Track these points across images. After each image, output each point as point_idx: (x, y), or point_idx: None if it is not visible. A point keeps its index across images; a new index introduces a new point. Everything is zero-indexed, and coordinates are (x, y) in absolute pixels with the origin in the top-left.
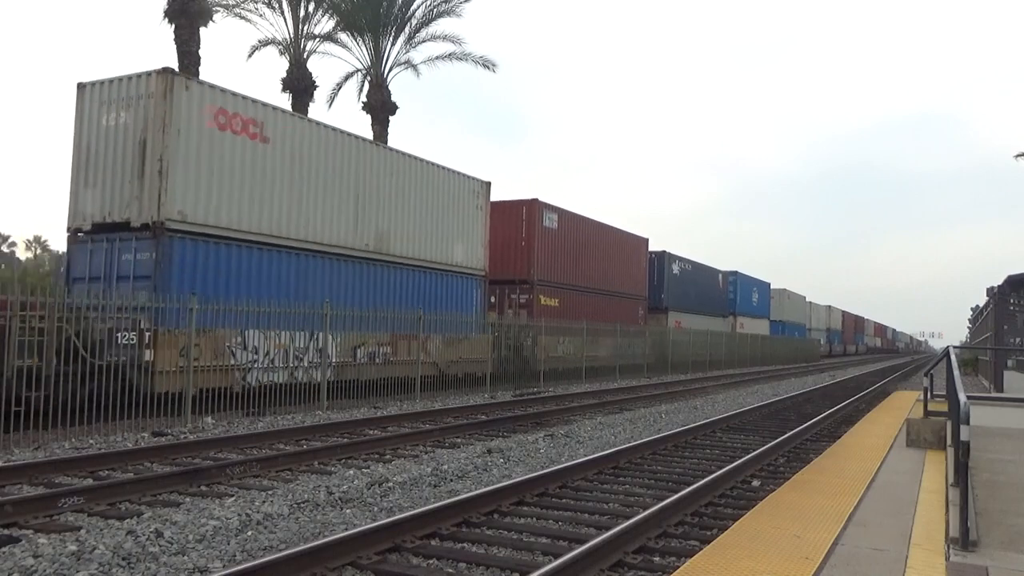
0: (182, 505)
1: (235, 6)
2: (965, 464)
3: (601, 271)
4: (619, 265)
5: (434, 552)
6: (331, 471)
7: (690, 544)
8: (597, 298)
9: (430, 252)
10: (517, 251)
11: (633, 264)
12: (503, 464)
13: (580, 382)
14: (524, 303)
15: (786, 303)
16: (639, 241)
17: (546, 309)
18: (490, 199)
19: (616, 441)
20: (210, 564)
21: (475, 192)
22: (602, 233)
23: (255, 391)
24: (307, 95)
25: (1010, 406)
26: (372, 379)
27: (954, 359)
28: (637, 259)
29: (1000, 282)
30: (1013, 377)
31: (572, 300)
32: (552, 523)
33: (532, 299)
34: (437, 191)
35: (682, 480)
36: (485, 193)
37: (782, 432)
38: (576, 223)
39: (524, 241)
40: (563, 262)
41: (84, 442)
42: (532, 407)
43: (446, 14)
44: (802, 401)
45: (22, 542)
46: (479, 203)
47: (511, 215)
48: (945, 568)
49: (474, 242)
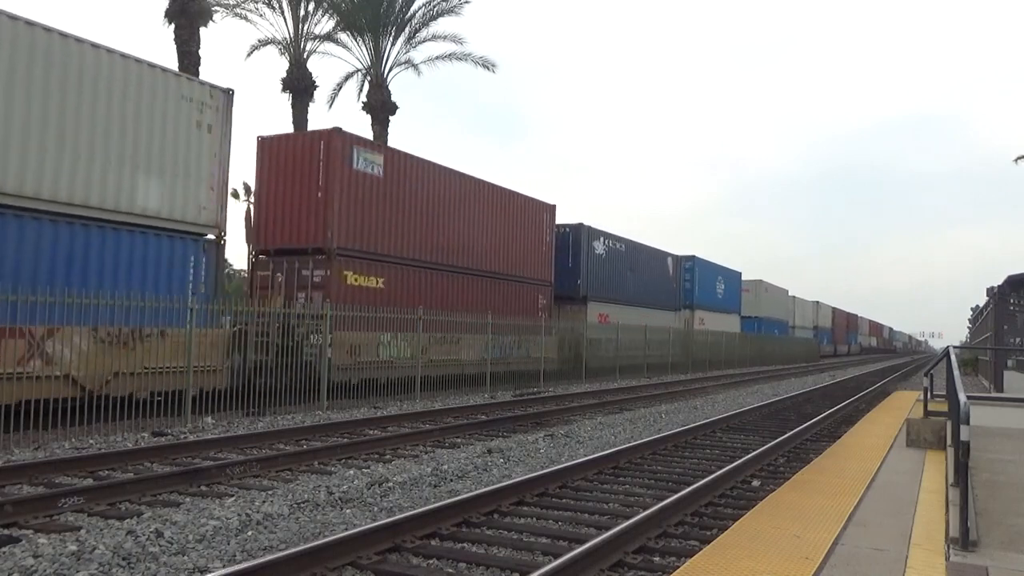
0: (182, 505)
1: (235, 6)
2: (965, 464)
3: (471, 243)
4: (505, 238)
5: (434, 552)
6: (331, 471)
7: (690, 544)
8: (464, 280)
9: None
10: (311, 206)
11: (530, 238)
12: (503, 464)
13: (580, 382)
14: (319, 283)
15: (763, 297)
16: (540, 208)
17: (359, 292)
18: (230, 117)
19: (616, 441)
20: (210, 564)
21: (190, 98)
22: (471, 191)
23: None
24: (307, 95)
25: (1010, 406)
26: None
27: (954, 359)
28: (537, 232)
29: (1000, 282)
30: (1013, 377)
31: (412, 281)
32: (552, 523)
33: (330, 276)
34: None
35: (682, 480)
36: (221, 106)
37: (782, 432)
38: (419, 171)
39: (321, 192)
40: (394, 224)
41: (84, 442)
42: (532, 407)
43: (446, 14)
44: (802, 401)
45: (22, 542)
46: (202, 118)
47: (302, 154)
48: (945, 568)
49: (193, 179)
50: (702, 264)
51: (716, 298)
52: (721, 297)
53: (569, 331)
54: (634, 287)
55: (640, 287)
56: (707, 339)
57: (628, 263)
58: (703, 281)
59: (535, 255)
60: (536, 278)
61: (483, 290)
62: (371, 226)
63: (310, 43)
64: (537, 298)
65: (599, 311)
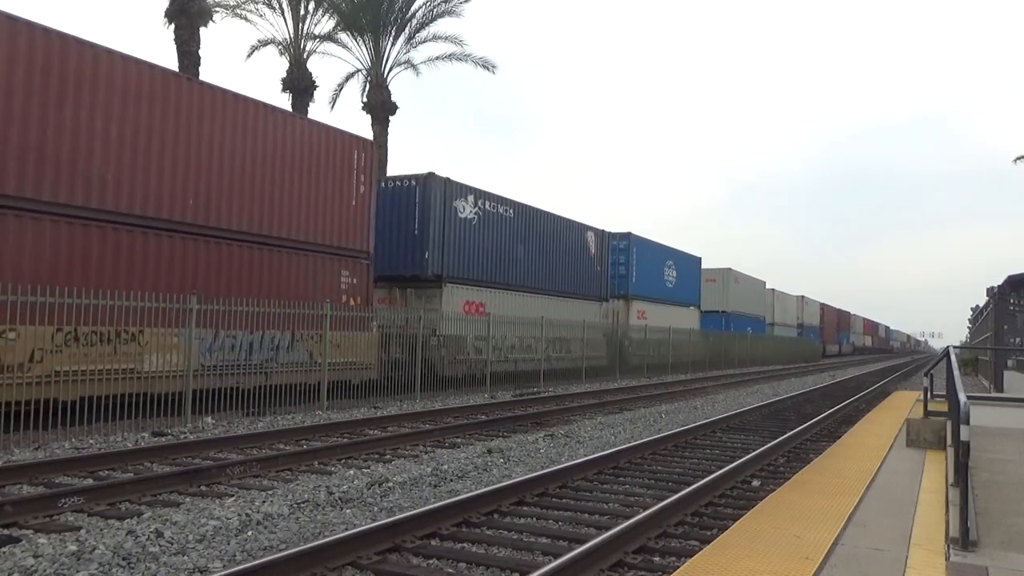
0: (182, 505)
1: (235, 7)
2: (965, 464)
3: (193, 183)
4: (267, 184)
5: (434, 552)
6: (331, 471)
7: (690, 544)
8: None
9: None
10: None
11: (326, 188)
12: (503, 464)
13: (580, 382)
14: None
15: (732, 288)
16: (346, 145)
17: None
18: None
19: (616, 441)
20: (210, 564)
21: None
22: (188, 99)
23: (259, 390)
24: (307, 95)
25: (1010, 406)
26: None
27: (954, 359)
28: (339, 178)
29: (1000, 282)
30: (1013, 377)
31: None
32: (552, 523)
33: None
34: None
35: (682, 480)
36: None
37: (782, 432)
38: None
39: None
40: None
41: (84, 442)
42: (532, 407)
43: (446, 14)
44: (802, 401)
45: (22, 542)
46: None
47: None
48: (945, 568)
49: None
50: (642, 244)
51: (664, 287)
52: (672, 286)
53: (406, 323)
54: (529, 267)
55: (541, 268)
56: (646, 337)
57: (518, 235)
58: (644, 265)
59: (333, 210)
60: (337, 246)
61: (215, 257)
62: None
63: (310, 43)
64: (338, 275)
65: (466, 298)
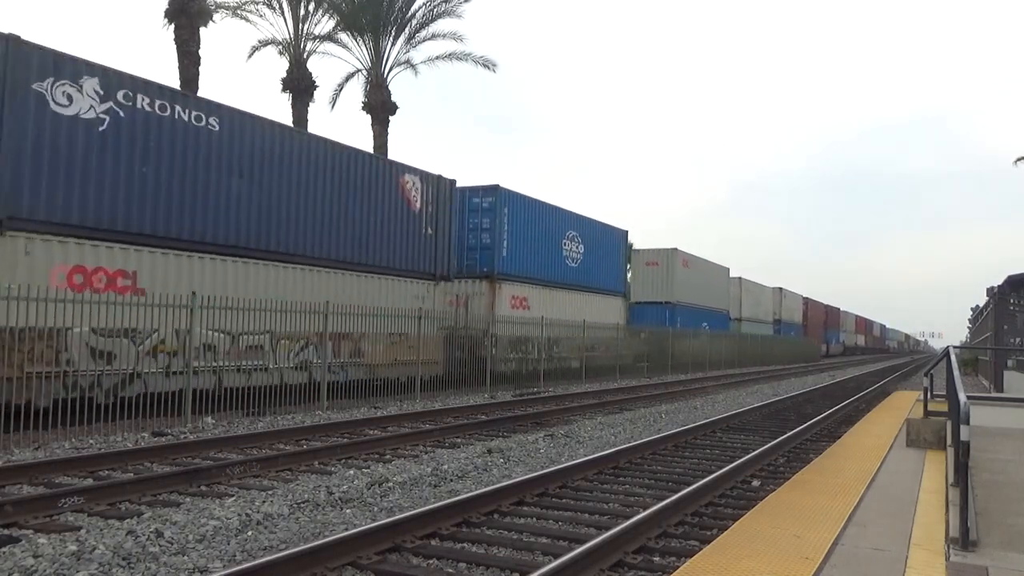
0: (182, 505)
1: (236, 7)
2: (965, 464)
3: None
4: None
5: (434, 552)
6: (331, 471)
7: (690, 544)
8: None
9: None
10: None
11: None
12: (503, 464)
13: (580, 382)
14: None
15: (679, 274)
16: None
17: None
18: None
19: (616, 441)
20: (210, 564)
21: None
22: None
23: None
24: (307, 95)
25: (1010, 406)
26: None
27: (954, 359)
28: None
29: (1000, 282)
30: (1013, 377)
31: None
32: (552, 523)
33: None
34: None
35: (682, 480)
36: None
37: (782, 432)
38: None
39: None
40: None
41: (84, 442)
42: (532, 407)
43: (446, 14)
44: (802, 401)
45: (22, 542)
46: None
47: None
48: (945, 568)
49: None
50: (519, 203)
51: (561, 266)
52: (576, 266)
53: None
54: (267, 219)
55: (299, 221)
56: (513, 332)
57: (230, 160)
58: (523, 233)
59: None
60: None
61: None
62: None
63: (310, 43)
64: None
65: (93, 263)
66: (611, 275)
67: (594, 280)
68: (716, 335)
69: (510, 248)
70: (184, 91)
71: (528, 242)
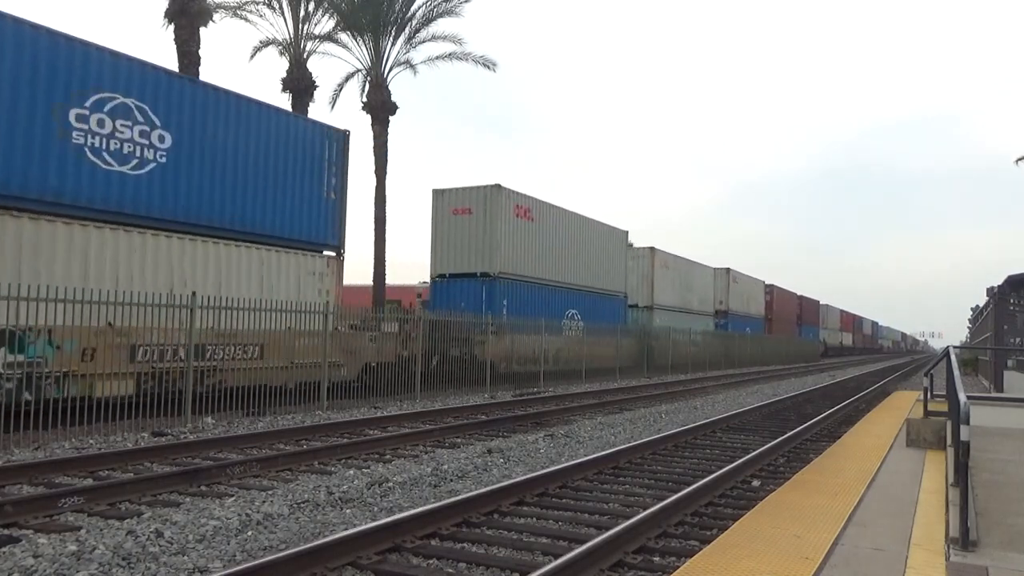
0: (182, 505)
1: (236, 7)
2: (965, 464)
3: None
4: None
5: (434, 552)
6: (331, 471)
7: (690, 544)
8: None
9: None
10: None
11: None
12: (503, 464)
13: (580, 382)
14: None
15: (502, 233)
16: None
17: None
18: None
19: (616, 441)
20: (210, 564)
21: None
22: None
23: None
24: (307, 95)
25: (1010, 406)
26: None
27: (954, 359)
28: None
29: (1000, 282)
30: (1013, 377)
31: None
32: (552, 523)
33: None
34: None
35: (682, 480)
36: None
37: (782, 432)
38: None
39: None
40: None
41: (84, 442)
42: (532, 407)
43: (446, 14)
44: (802, 401)
45: (22, 542)
46: None
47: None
48: (945, 568)
49: None
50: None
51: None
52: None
53: None
54: None
55: None
56: None
57: None
58: None
59: None
60: None
61: None
62: None
63: (310, 43)
64: None
65: None
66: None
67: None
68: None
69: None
70: None
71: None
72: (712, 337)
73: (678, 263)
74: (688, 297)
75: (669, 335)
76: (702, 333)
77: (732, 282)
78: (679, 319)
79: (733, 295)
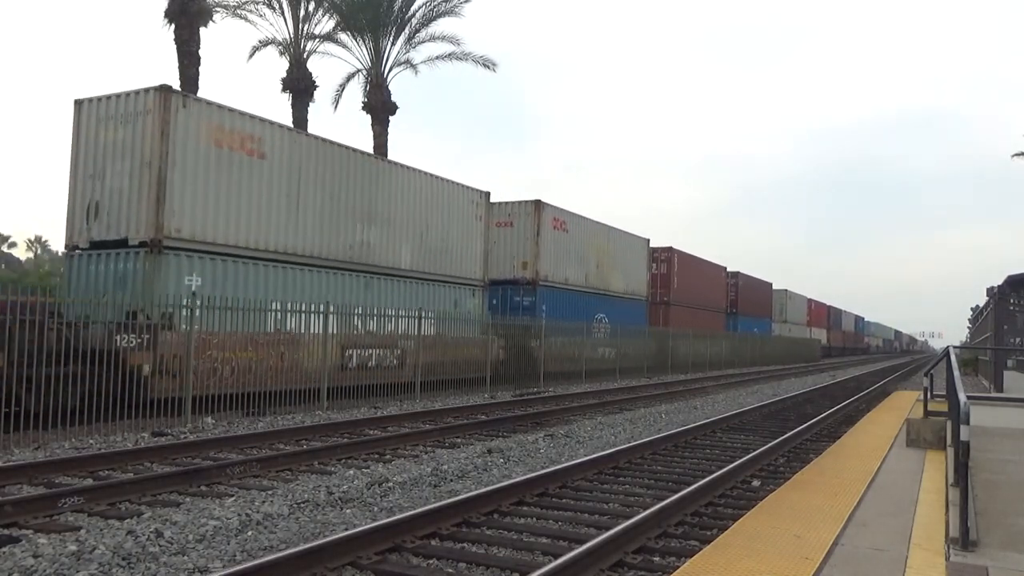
0: (182, 505)
1: (236, 7)
2: (965, 464)
3: None
4: None
5: (434, 552)
6: (331, 471)
7: (690, 544)
8: None
9: None
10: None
11: None
12: (503, 464)
13: (580, 382)
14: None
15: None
16: None
17: None
18: None
19: (616, 441)
20: (210, 564)
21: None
22: None
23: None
24: (307, 95)
25: (1010, 406)
26: None
27: (954, 359)
28: None
29: (1000, 282)
30: (1013, 377)
31: None
32: (552, 523)
33: None
34: None
35: (682, 480)
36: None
37: (782, 432)
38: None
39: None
40: None
41: (84, 442)
42: (532, 407)
43: (446, 14)
44: (802, 401)
45: (22, 542)
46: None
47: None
48: (945, 568)
49: None
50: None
51: None
52: None
53: None
54: None
55: None
56: None
57: None
58: None
59: None
60: None
61: None
62: None
63: (310, 43)
64: None
65: None
66: None
67: None
68: None
69: None
70: None
71: None
72: (722, 339)
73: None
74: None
75: (690, 336)
76: (711, 334)
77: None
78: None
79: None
